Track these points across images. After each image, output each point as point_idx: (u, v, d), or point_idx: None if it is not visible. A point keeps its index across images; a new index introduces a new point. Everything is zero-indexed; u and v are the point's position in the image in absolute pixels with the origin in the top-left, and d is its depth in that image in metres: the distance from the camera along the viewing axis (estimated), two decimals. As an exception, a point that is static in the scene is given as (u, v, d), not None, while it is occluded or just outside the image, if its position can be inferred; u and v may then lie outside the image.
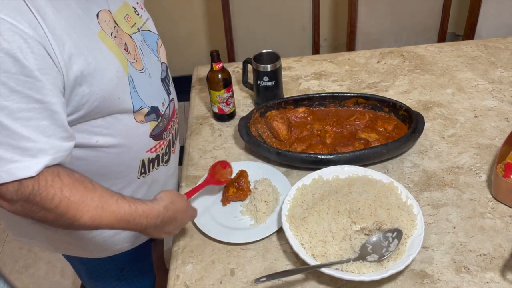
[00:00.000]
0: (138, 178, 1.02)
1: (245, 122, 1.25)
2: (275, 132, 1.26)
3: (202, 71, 1.61)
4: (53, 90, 0.74)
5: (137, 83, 0.93)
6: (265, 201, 1.07)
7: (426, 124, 1.28)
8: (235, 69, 1.61)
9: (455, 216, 1.05)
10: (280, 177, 1.16)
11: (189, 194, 1.05)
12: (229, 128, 1.36)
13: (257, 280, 0.85)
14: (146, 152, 1.00)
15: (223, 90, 1.32)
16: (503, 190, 1.05)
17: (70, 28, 0.78)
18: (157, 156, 1.04)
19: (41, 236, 1.05)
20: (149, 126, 0.98)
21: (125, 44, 0.92)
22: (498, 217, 1.04)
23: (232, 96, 1.35)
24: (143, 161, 1.00)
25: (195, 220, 1.06)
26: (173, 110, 1.07)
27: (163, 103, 1.02)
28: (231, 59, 2.28)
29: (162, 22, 1.06)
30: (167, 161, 1.09)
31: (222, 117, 1.38)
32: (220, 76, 1.30)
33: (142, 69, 0.96)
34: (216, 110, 1.36)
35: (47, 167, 0.74)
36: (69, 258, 1.17)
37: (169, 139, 1.07)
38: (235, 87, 1.51)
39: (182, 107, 2.87)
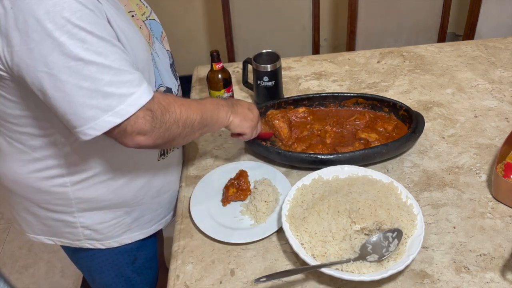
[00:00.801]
0: (158, 160, 1.07)
1: (245, 122, 1.25)
2: (276, 131, 1.26)
3: (202, 71, 1.61)
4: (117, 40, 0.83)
5: (156, 62, 0.99)
6: (265, 201, 1.07)
7: (426, 124, 1.28)
8: (235, 69, 1.61)
9: (455, 216, 1.05)
10: (280, 177, 1.16)
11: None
12: (229, 128, 1.36)
13: (257, 280, 0.85)
14: None
15: (223, 90, 1.32)
16: (503, 190, 1.05)
17: (111, 8, 0.83)
18: None
19: (62, 233, 1.07)
20: None
21: (140, 27, 0.97)
22: (498, 217, 1.04)
23: (232, 96, 1.35)
24: None
25: (195, 220, 1.06)
26: (180, 95, 1.13)
27: (174, 86, 1.08)
28: (231, 59, 2.28)
29: (162, 22, 1.06)
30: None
31: (222, 117, 1.38)
32: (220, 76, 1.30)
33: (156, 51, 1.01)
34: (216, 110, 1.36)
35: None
36: (78, 256, 1.17)
37: None
38: (235, 87, 1.51)
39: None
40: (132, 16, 0.96)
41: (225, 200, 1.11)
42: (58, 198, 1.00)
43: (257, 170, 1.18)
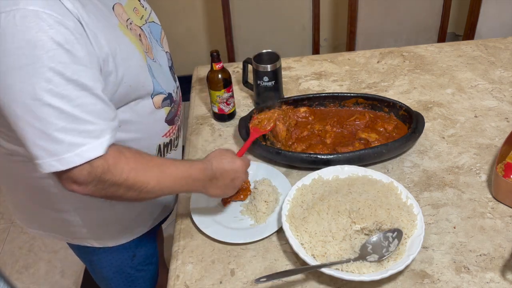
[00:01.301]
0: None
1: (245, 122, 1.25)
2: (274, 132, 1.26)
3: (202, 71, 1.61)
4: (99, 76, 0.80)
5: (154, 71, 0.98)
6: (265, 201, 1.07)
7: (426, 124, 1.28)
8: (235, 69, 1.61)
9: (455, 216, 1.05)
10: (280, 177, 1.16)
11: (240, 153, 1.08)
12: (229, 128, 1.36)
13: (257, 280, 0.85)
14: (162, 137, 1.05)
15: (223, 90, 1.32)
16: (503, 190, 1.05)
17: (97, 21, 0.82)
18: (170, 140, 1.09)
19: (58, 228, 1.08)
20: (164, 112, 1.03)
21: (139, 35, 0.96)
22: (498, 217, 1.04)
23: (232, 96, 1.35)
24: (159, 145, 1.05)
25: (195, 220, 1.06)
26: (180, 96, 1.14)
27: (174, 90, 1.07)
28: (231, 59, 2.28)
29: (162, 22, 1.06)
30: (176, 146, 1.14)
31: (222, 117, 1.38)
32: (220, 76, 1.30)
33: (154, 58, 1.00)
34: (216, 110, 1.36)
35: (110, 146, 0.80)
36: (80, 251, 1.19)
37: (178, 124, 1.13)
38: (235, 87, 1.51)
39: (182, 107, 2.87)
40: (130, 23, 0.94)
41: (225, 200, 1.11)
42: (54, 196, 1.00)
43: (257, 170, 1.18)
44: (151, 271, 1.26)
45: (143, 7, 1.04)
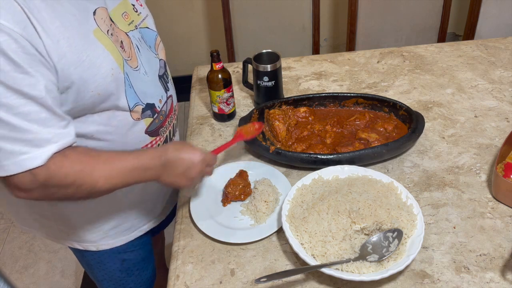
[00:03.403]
0: None
1: (245, 122, 1.25)
2: (274, 131, 1.26)
3: (202, 71, 1.61)
4: (48, 85, 0.77)
5: (132, 80, 0.95)
6: (265, 201, 1.07)
7: (426, 124, 1.28)
8: (235, 69, 1.61)
9: (455, 216, 1.05)
10: (280, 177, 1.16)
11: (217, 150, 1.04)
12: (229, 128, 1.36)
13: (258, 281, 0.85)
14: (142, 147, 1.02)
15: (223, 90, 1.32)
16: (503, 190, 1.05)
17: (64, 27, 0.79)
18: None
19: (43, 228, 1.09)
20: (144, 123, 1.00)
21: (121, 41, 0.93)
22: (498, 217, 1.04)
23: (232, 96, 1.35)
24: None
25: (195, 220, 1.06)
26: (171, 106, 1.09)
27: (160, 99, 1.03)
28: (231, 59, 2.28)
29: (162, 22, 1.06)
30: None
31: (222, 117, 1.38)
32: (220, 76, 1.30)
33: (137, 67, 0.97)
34: (216, 110, 1.36)
35: (55, 153, 0.79)
36: (76, 252, 1.19)
37: (166, 135, 1.09)
38: (235, 87, 1.51)
39: (182, 107, 2.87)
40: (113, 29, 0.91)
41: (225, 200, 1.11)
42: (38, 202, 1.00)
43: (257, 170, 1.18)
44: (143, 276, 1.25)
45: (136, 11, 1.02)
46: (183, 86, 1.71)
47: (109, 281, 1.20)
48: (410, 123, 1.23)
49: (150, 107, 1.00)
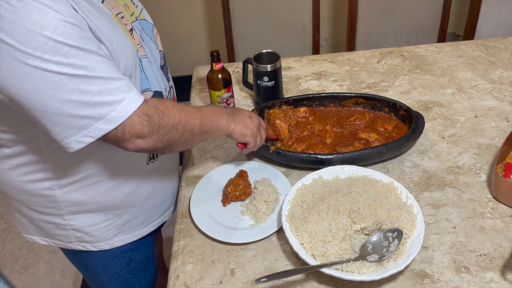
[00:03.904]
0: (147, 164, 1.05)
1: (245, 122, 1.25)
2: (276, 130, 1.26)
3: (202, 71, 1.61)
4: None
5: (143, 66, 0.98)
6: (265, 201, 1.07)
7: (426, 124, 1.28)
8: (235, 69, 1.61)
9: (455, 216, 1.05)
10: (280, 177, 1.16)
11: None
12: (229, 128, 1.36)
13: (258, 281, 0.85)
14: None
15: (223, 90, 1.32)
16: (503, 190, 1.05)
17: (91, 8, 0.83)
18: None
19: (54, 235, 1.07)
20: None
21: (131, 29, 0.96)
22: (498, 217, 1.04)
23: (232, 96, 1.35)
24: None
25: (195, 220, 1.06)
26: (173, 97, 1.12)
27: (165, 89, 1.06)
28: (231, 59, 2.28)
29: (162, 22, 1.07)
30: None
31: (222, 117, 1.38)
32: (220, 76, 1.30)
33: (145, 55, 1.00)
34: (216, 110, 1.36)
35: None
36: (74, 257, 1.18)
37: None
38: (235, 87, 1.51)
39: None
40: (122, 17, 0.95)
41: (225, 200, 1.11)
42: (47, 200, 0.99)
43: (257, 170, 1.19)
44: (148, 276, 1.24)
45: (134, 4, 1.04)
46: (183, 86, 1.71)
47: (115, 284, 1.19)
48: (410, 123, 1.23)
49: (158, 94, 1.02)
